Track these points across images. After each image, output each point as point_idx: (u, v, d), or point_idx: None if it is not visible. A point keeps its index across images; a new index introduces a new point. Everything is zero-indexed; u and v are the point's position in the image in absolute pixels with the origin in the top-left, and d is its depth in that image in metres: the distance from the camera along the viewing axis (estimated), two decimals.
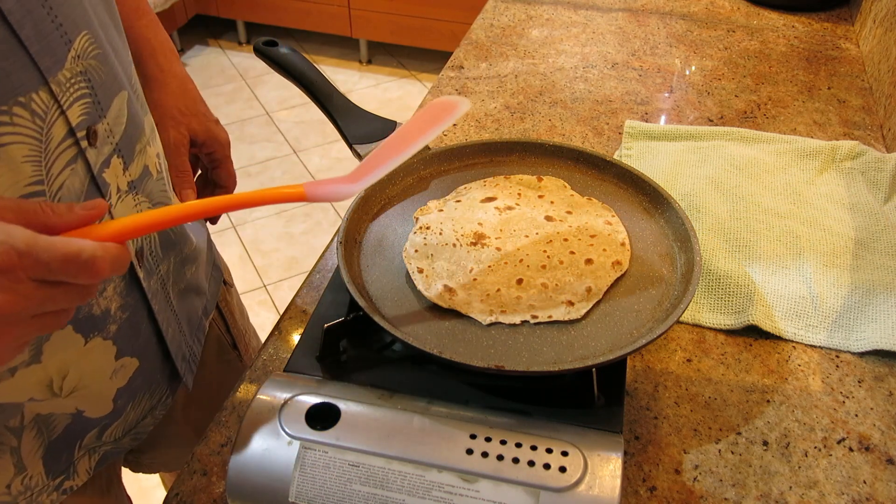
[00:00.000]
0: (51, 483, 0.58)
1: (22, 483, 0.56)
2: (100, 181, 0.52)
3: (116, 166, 0.54)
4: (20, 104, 0.45)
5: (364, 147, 0.69)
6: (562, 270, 0.60)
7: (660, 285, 0.59)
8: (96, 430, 0.60)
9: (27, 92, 0.45)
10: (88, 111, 0.50)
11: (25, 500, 0.57)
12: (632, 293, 0.59)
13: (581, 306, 0.57)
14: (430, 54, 3.15)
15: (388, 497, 0.47)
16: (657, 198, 0.66)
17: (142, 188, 0.58)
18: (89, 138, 0.50)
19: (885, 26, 1.06)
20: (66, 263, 0.37)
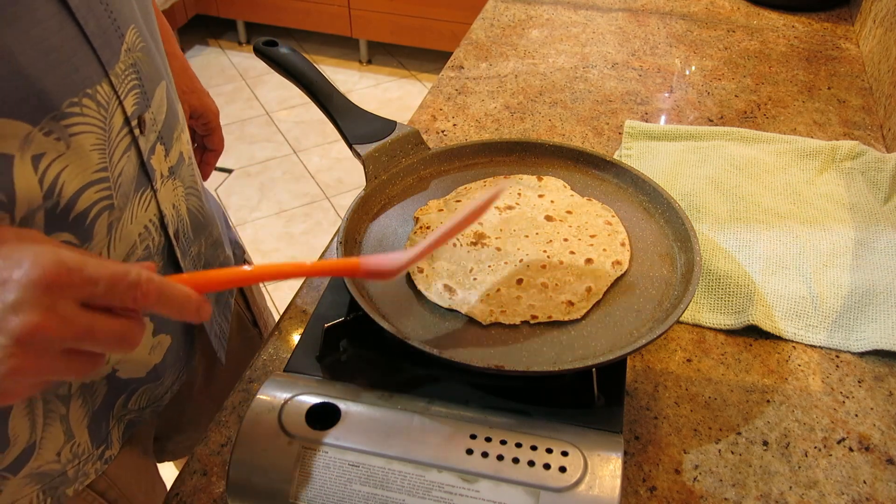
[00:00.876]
0: (95, 452, 0.60)
1: (70, 451, 0.58)
2: (148, 167, 0.56)
3: (160, 153, 0.58)
4: (88, 96, 0.48)
5: (364, 147, 0.69)
6: (562, 270, 0.60)
7: (660, 285, 0.59)
8: (123, 397, 0.63)
9: (93, 84, 0.48)
10: (139, 101, 0.54)
11: (73, 468, 0.59)
12: (632, 293, 0.59)
13: (581, 306, 0.57)
14: (430, 54, 3.15)
15: (388, 497, 0.47)
16: (657, 198, 0.66)
17: (178, 173, 0.62)
18: (140, 127, 0.54)
19: (885, 26, 1.06)
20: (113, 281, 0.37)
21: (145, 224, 0.57)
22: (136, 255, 0.57)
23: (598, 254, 0.61)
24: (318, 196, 2.48)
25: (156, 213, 0.59)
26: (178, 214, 0.63)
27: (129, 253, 0.56)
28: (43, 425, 0.55)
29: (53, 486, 0.58)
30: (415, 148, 0.72)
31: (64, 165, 0.47)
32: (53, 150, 0.46)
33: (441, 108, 1.02)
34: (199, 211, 0.69)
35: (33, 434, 0.55)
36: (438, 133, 0.96)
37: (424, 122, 0.98)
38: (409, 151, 0.71)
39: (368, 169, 0.68)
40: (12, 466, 0.54)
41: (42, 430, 0.55)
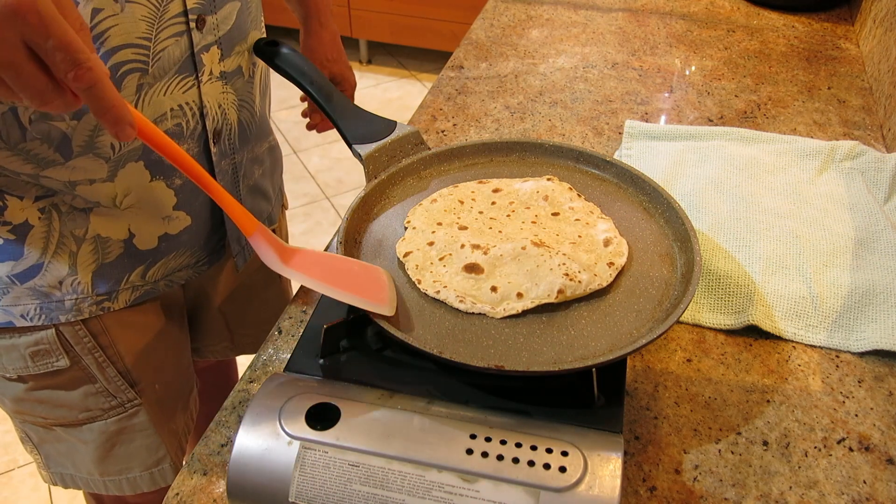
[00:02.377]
0: (93, 297, 0.71)
1: (71, 285, 0.69)
2: (197, 59, 0.65)
3: (214, 54, 0.67)
4: None
5: (364, 147, 0.69)
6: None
7: (660, 285, 0.59)
8: (142, 268, 0.73)
9: None
10: (203, 3, 0.64)
11: (70, 300, 0.70)
12: (632, 293, 0.59)
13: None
14: (430, 54, 3.15)
15: (388, 497, 0.47)
16: (657, 198, 0.66)
17: (231, 81, 0.72)
18: (198, 23, 0.64)
19: (885, 26, 1.06)
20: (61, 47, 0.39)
21: (181, 104, 0.66)
22: (166, 125, 0.66)
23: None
24: (318, 196, 2.48)
25: (195, 100, 0.68)
26: (223, 116, 0.72)
27: (159, 120, 0.65)
28: (53, 252, 0.67)
29: (49, 308, 0.69)
30: (415, 148, 0.72)
31: (115, 23, 0.57)
32: (110, 8, 0.56)
33: (441, 108, 1.02)
34: (250, 125, 0.78)
35: (43, 256, 0.67)
36: (438, 133, 0.96)
37: (424, 122, 0.98)
38: (409, 151, 0.71)
39: (368, 169, 0.68)
40: (20, 276, 0.67)
41: (51, 256, 0.67)
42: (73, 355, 0.73)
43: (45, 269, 0.67)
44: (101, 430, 0.79)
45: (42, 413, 0.78)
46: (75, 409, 0.77)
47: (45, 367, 0.73)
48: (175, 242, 0.74)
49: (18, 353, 0.71)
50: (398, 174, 0.70)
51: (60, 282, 0.69)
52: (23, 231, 0.65)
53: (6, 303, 0.68)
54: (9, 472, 1.60)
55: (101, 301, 0.72)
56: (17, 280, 0.67)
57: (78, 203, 0.66)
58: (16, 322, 0.69)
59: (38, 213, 0.65)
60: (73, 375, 0.74)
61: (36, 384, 0.74)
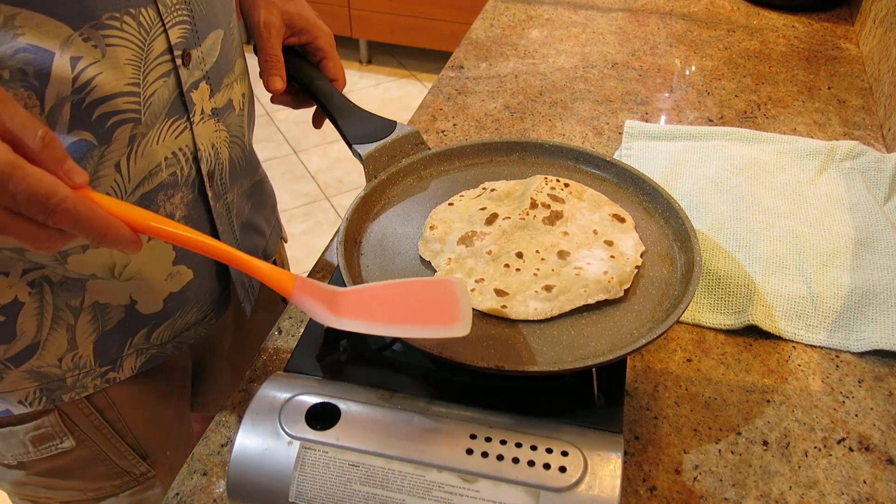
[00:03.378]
0: (97, 369, 0.65)
1: (72, 360, 0.63)
2: (187, 98, 0.60)
3: (204, 91, 0.62)
4: (130, 14, 0.53)
5: (364, 147, 0.69)
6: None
7: (660, 285, 0.59)
8: (145, 331, 0.67)
9: (137, 6, 0.53)
10: (186, 36, 0.58)
11: (72, 377, 0.64)
12: (632, 293, 0.59)
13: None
14: (430, 54, 3.15)
15: (388, 497, 0.47)
16: (657, 198, 0.66)
17: (224, 118, 0.66)
18: (184, 59, 0.58)
19: (885, 26, 1.06)
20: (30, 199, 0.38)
21: (174, 150, 0.61)
22: (161, 176, 0.60)
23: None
24: (318, 196, 2.48)
25: (189, 144, 0.62)
26: (216, 156, 0.66)
27: (154, 172, 0.60)
28: (49, 328, 0.61)
29: (51, 388, 0.63)
30: (415, 148, 0.72)
31: (99, 71, 0.52)
32: (90, 56, 0.51)
33: (441, 108, 1.02)
34: (241, 161, 0.72)
35: (38, 334, 0.60)
36: (438, 133, 0.96)
37: (424, 122, 0.98)
38: (409, 151, 0.71)
39: (368, 169, 0.68)
40: (14, 359, 0.60)
41: (47, 333, 0.61)
42: (78, 434, 0.67)
43: (42, 347, 0.61)
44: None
45: (46, 495, 0.72)
46: (85, 489, 0.72)
47: (48, 450, 0.67)
48: (180, 300, 0.68)
49: (17, 440, 0.65)
50: (398, 174, 0.70)
51: (60, 359, 0.62)
52: (13, 310, 0.58)
53: (2, 389, 0.62)
54: None
55: (105, 373, 0.66)
56: (11, 364, 0.61)
57: (71, 273, 0.60)
58: (13, 410, 0.63)
59: (28, 288, 0.58)
60: (79, 455, 0.69)
61: (38, 469, 0.69)
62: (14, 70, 0.48)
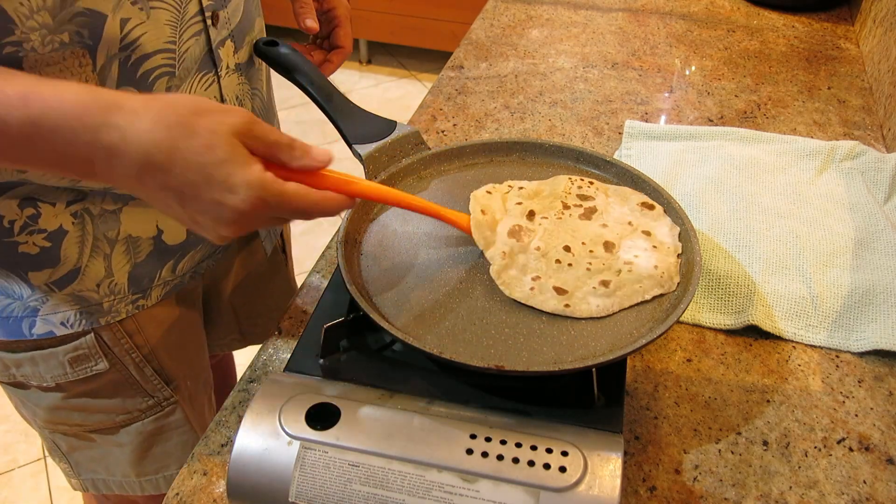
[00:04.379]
0: (129, 296, 0.72)
1: (108, 287, 0.69)
2: (215, 54, 0.67)
3: (229, 47, 0.69)
4: None
5: (364, 147, 0.69)
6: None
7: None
8: (171, 262, 0.74)
9: None
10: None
11: (108, 302, 0.70)
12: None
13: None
14: (430, 54, 3.15)
15: (388, 497, 0.47)
16: (657, 198, 0.66)
17: (245, 72, 0.73)
18: (213, 19, 0.65)
19: (885, 26, 1.06)
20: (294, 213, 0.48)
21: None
22: None
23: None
24: None
25: (216, 96, 0.69)
26: (241, 106, 0.72)
27: None
28: (89, 256, 0.67)
29: (89, 312, 0.70)
30: (415, 148, 0.72)
31: (144, 31, 0.58)
32: (137, 17, 0.57)
33: (441, 108, 1.02)
34: (262, 111, 0.79)
35: (80, 260, 0.67)
36: (438, 133, 0.96)
37: (424, 122, 0.98)
38: (409, 151, 0.71)
39: (368, 169, 0.68)
40: (58, 283, 0.67)
41: (87, 259, 0.67)
42: (111, 358, 0.73)
43: (83, 272, 0.67)
44: (138, 430, 0.79)
45: (78, 420, 0.77)
46: (113, 413, 0.77)
47: (84, 372, 0.72)
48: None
49: (57, 361, 0.71)
50: (398, 174, 0.70)
51: (98, 284, 0.69)
52: (58, 237, 0.65)
53: (46, 311, 0.68)
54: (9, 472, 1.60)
55: (136, 300, 0.72)
56: (55, 287, 0.67)
57: (108, 204, 0.66)
58: (56, 331, 0.69)
59: (72, 218, 0.65)
60: (111, 378, 0.74)
61: (73, 391, 0.74)
62: (72, 33, 0.54)
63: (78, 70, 0.56)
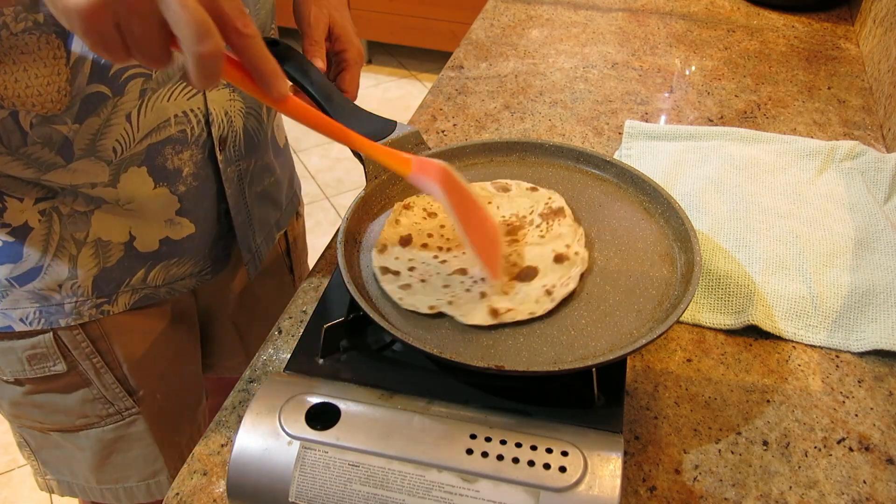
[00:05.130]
0: (93, 300, 0.71)
1: (71, 288, 0.69)
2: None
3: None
4: None
5: None
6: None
7: (660, 285, 0.59)
8: (142, 272, 0.72)
9: None
10: None
11: (70, 304, 0.69)
12: (632, 293, 0.59)
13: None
14: (430, 54, 3.15)
15: (388, 497, 0.47)
16: (657, 197, 0.66)
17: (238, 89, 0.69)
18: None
19: (885, 26, 1.06)
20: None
21: (185, 110, 0.66)
22: (170, 131, 0.66)
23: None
24: (318, 196, 2.48)
25: (201, 107, 0.67)
26: (229, 123, 0.72)
27: (162, 126, 0.65)
28: (53, 256, 0.66)
29: (49, 311, 0.69)
30: (415, 148, 0.72)
31: None
32: None
33: (441, 108, 1.02)
34: (256, 133, 0.77)
35: (42, 259, 0.66)
36: (438, 133, 0.96)
37: (424, 122, 0.98)
38: (409, 151, 0.71)
39: (368, 169, 0.68)
40: (19, 279, 0.67)
41: (51, 259, 0.66)
42: (70, 360, 0.73)
43: (45, 271, 0.67)
44: (97, 437, 0.79)
45: (39, 418, 0.77)
46: (72, 415, 0.77)
47: (41, 370, 0.72)
48: (177, 248, 0.74)
49: (15, 357, 0.71)
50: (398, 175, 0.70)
51: (60, 285, 0.68)
52: (22, 233, 0.65)
53: (5, 306, 0.68)
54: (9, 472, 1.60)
55: (100, 304, 0.71)
56: (15, 283, 0.67)
57: (79, 206, 0.66)
58: (14, 326, 0.69)
59: (39, 216, 0.64)
60: (69, 381, 0.74)
61: (33, 388, 0.74)
62: (47, 14, 0.53)
63: (52, 62, 0.55)
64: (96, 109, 0.60)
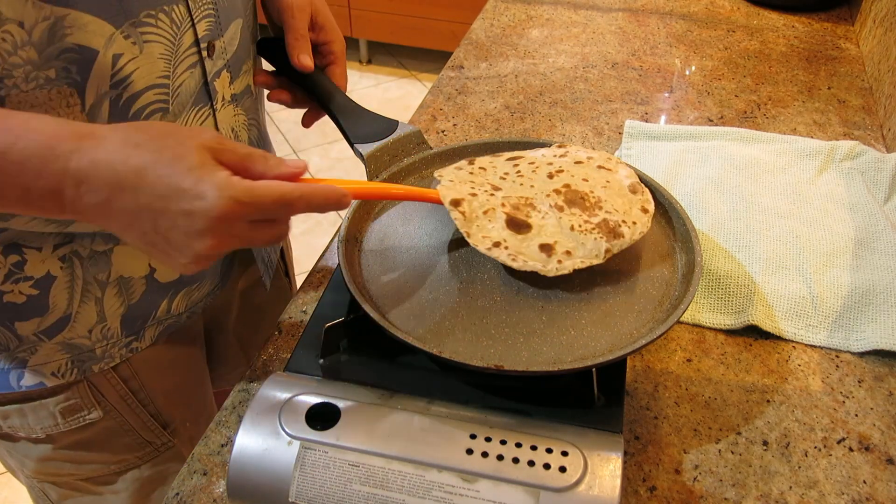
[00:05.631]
0: (123, 339, 0.68)
1: (101, 332, 0.66)
2: (210, 87, 0.63)
3: (224, 79, 0.65)
4: (164, 12, 0.56)
5: (366, 146, 0.69)
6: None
7: (660, 285, 0.59)
8: (166, 303, 0.70)
9: (171, 3, 0.56)
10: (211, 28, 0.61)
11: (101, 347, 0.67)
12: (632, 293, 0.59)
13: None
14: (430, 54, 3.15)
15: (388, 497, 0.47)
16: (658, 197, 0.66)
17: (241, 103, 0.70)
18: (208, 50, 0.61)
19: (885, 26, 1.06)
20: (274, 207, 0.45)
21: None
22: None
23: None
24: None
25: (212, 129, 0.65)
26: (236, 138, 0.70)
27: None
28: (80, 301, 0.63)
29: (81, 360, 0.66)
30: (416, 147, 0.72)
31: (136, 67, 0.55)
32: (129, 52, 0.54)
33: (441, 108, 1.02)
34: (258, 141, 0.76)
35: (70, 307, 0.63)
36: (438, 133, 0.96)
37: (424, 122, 0.98)
38: (410, 151, 0.71)
39: (370, 168, 0.68)
40: (47, 331, 0.63)
41: (78, 305, 0.63)
42: (105, 405, 0.69)
43: (74, 319, 0.64)
44: (134, 477, 0.76)
45: (70, 471, 0.74)
46: (108, 462, 0.74)
47: (77, 422, 0.69)
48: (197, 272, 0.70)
49: (47, 412, 0.67)
50: (399, 173, 0.70)
51: (90, 330, 0.65)
52: (46, 284, 0.61)
53: (35, 362, 0.64)
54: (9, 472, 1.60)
55: (129, 342, 0.69)
56: (44, 336, 0.63)
57: (98, 245, 0.62)
58: (47, 382, 0.65)
59: (60, 263, 0.61)
60: (105, 426, 0.71)
61: (65, 441, 0.70)
62: (60, 69, 0.51)
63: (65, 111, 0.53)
64: None
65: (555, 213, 0.60)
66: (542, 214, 0.60)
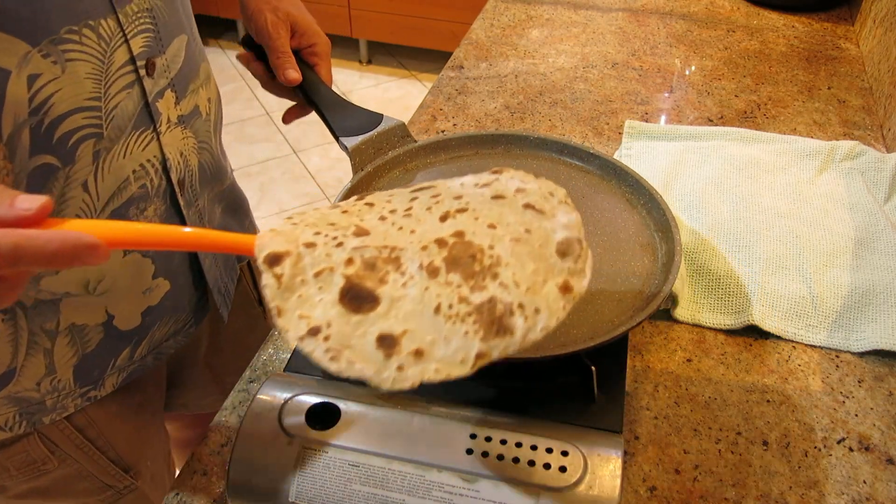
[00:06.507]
0: (77, 390, 0.64)
1: (50, 384, 0.61)
2: (152, 108, 0.58)
3: (169, 99, 0.60)
4: (89, 27, 0.50)
5: (351, 140, 0.69)
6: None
7: (641, 275, 0.60)
8: (128, 350, 0.66)
9: (97, 18, 0.51)
10: (149, 44, 0.56)
11: (52, 399, 0.62)
12: (613, 283, 0.59)
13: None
14: (430, 54, 3.15)
15: (388, 497, 0.47)
16: (639, 189, 0.67)
17: (190, 124, 0.64)
18: (147, 69, 0.56)
19: (885, 26, 1.06)
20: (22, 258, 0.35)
21: (142, 163, 0.59)
22: (131, 190, 0.59)
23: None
24: (318, 196, 2.48)
25: (157, 155, 0.60)
26: (185, 163, 0.65)
27: (123, 186, 0.58)
28: (25, 354, 0.59)
29: (30, 412, 0.62)
30: (401, 140, 0.72)
31: (57, 88, 0.49)
32: (49, 73, 0.48)
33: (441, 108, 1.02)
34: (210, 166, 0.71)
35: (14, 360, 0.58)
36: (438, 133, 0.96)
37: (424, 122, 0.98)
38: (395, 144, 0.72)
39: (355, 161, 0.69)
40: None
41: (24, 359, 0.59)
42: (59, 455, 0.66)
43: (19, 373, 0.59)
44: None
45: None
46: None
47: (31, 473, 0.66)
48: (158, 312, 0.67)
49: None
50: (384, 166, 0.70)
51: (38, 383, 0.61)
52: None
53: None
54: None
55: (85, 392, 0.65)
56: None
57: (42, 295, 0.57)
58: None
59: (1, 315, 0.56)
60: (61, 474, 0.68)
61: (19, 490, 0.67)
62: None
63: None
64: (47, 184, 0.52)
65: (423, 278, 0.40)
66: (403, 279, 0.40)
